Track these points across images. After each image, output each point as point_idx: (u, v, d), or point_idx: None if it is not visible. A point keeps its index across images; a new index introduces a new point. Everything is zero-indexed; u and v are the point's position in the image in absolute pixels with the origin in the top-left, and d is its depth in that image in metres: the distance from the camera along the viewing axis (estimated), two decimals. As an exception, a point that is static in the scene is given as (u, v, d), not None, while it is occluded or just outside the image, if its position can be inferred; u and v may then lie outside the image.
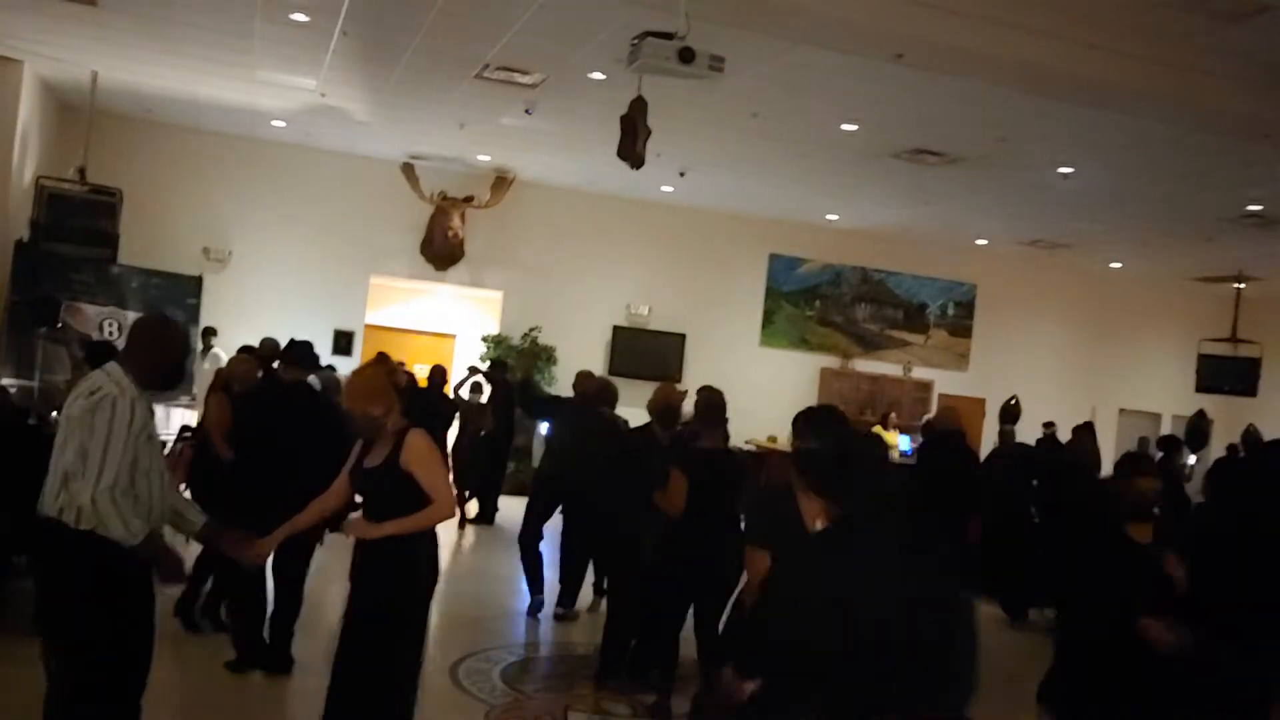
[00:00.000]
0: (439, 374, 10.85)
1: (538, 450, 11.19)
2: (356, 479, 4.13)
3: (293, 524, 4.20)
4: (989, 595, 9.51)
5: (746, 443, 12.81)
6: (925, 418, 12.96)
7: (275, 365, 6.46)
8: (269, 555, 4.13)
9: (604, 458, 6.34)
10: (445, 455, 7.75)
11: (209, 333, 12.30)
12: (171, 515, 3.68)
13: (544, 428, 9.93)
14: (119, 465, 3.28)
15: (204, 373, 11.57)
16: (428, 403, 9.88)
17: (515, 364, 13.25)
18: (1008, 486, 9.76)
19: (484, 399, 11.49)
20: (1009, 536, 9.43)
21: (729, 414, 5.66)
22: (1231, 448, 10.91)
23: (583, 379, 8.02)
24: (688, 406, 6.26)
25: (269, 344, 7.62)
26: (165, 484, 3.55)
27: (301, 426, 5.49)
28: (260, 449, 5.53)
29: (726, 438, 5.70)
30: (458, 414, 11.10)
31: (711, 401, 5.58)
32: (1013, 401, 12.22)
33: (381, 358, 4.34)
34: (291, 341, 6.10)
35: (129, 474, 3.32)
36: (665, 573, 5.40)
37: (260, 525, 4.08)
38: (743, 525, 4.53)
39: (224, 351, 11.98)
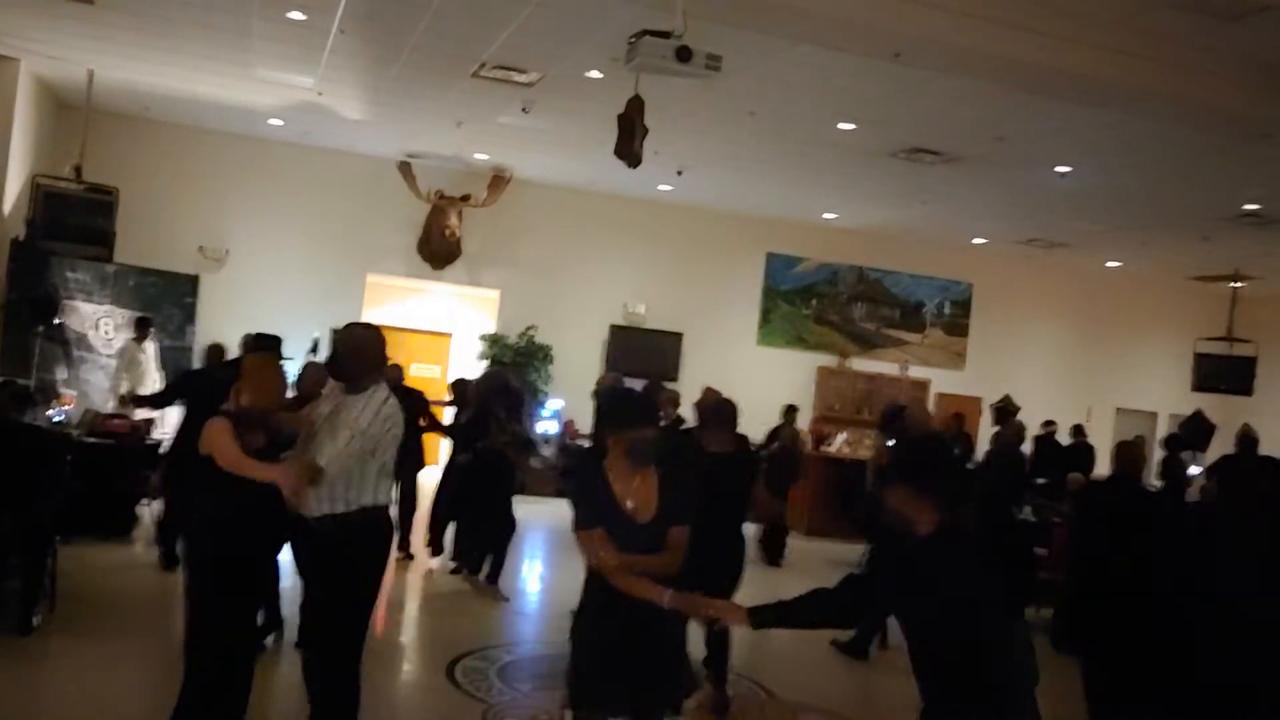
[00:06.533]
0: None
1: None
2: None
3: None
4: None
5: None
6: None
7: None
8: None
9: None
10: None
11: (144, 323, 11.08)
12: None
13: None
14: None
15: (137, 364, 10.95)
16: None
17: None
18: (1001, 487, 9.72)
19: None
20: (1006, 538, 9.41)
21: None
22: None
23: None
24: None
25: (247, 339, 7.99)
26: None
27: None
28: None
29: (735, 439, 5.70)
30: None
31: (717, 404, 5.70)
32: (1000, 404, 12.04)
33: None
34: (258, 335, 6.70)
35: None
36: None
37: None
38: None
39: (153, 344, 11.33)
